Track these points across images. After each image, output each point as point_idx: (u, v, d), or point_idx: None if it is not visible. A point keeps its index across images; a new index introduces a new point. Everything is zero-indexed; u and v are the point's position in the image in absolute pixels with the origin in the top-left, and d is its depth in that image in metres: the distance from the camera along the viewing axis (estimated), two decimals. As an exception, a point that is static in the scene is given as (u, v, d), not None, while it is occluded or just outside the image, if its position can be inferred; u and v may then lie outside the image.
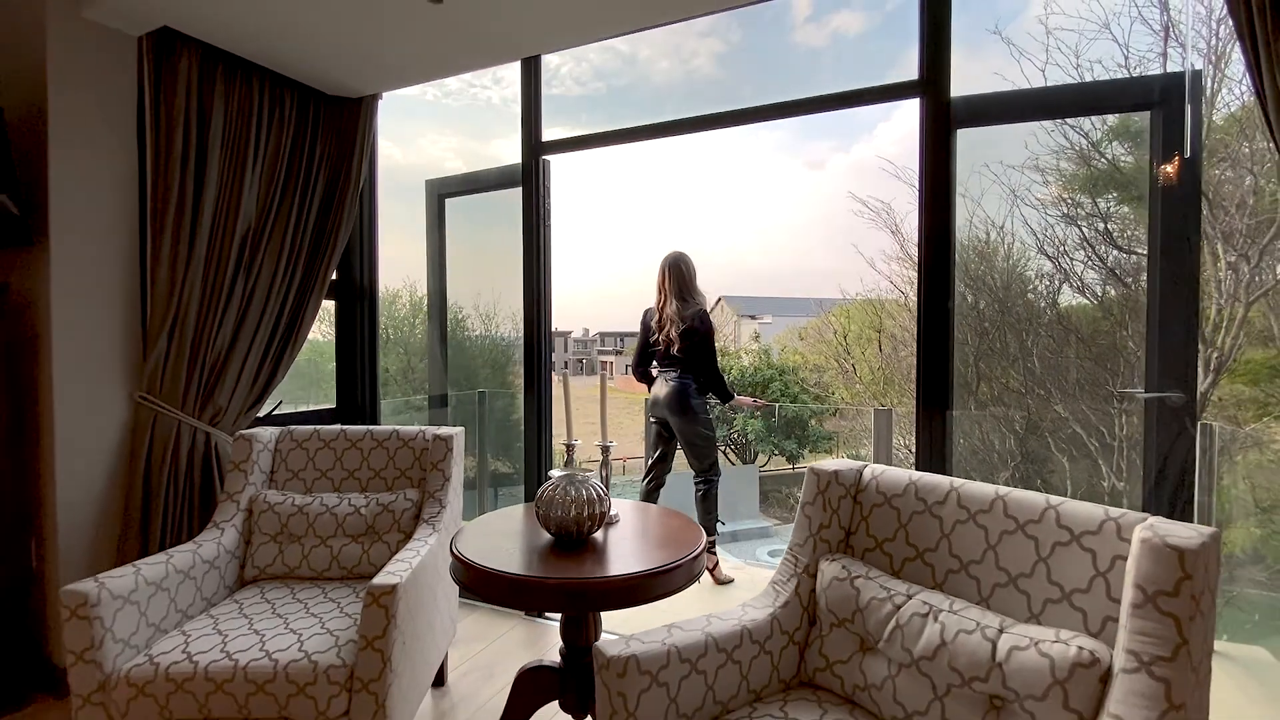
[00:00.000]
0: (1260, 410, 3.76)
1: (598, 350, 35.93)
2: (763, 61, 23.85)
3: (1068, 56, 4.53)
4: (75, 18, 2.01)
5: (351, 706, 1.41)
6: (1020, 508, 1.17)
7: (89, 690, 1.39)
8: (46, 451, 2.02)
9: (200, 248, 2.21)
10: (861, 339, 9.33)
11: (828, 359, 10.60)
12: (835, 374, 10.37)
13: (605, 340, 36.12)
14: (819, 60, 23.65)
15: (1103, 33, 4.29)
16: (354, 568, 1.86)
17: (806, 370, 12.13)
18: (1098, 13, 4.20)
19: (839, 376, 10.10)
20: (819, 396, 11.11)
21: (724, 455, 11.34)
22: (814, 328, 12.07)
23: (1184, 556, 0.91)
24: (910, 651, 1.13)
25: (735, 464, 11.28)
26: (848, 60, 23.35)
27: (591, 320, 25.47)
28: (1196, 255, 1.79)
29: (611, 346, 35.02)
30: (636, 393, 7.40)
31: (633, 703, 1.08)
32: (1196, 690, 0.90)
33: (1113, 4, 4.03)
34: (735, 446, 11.74)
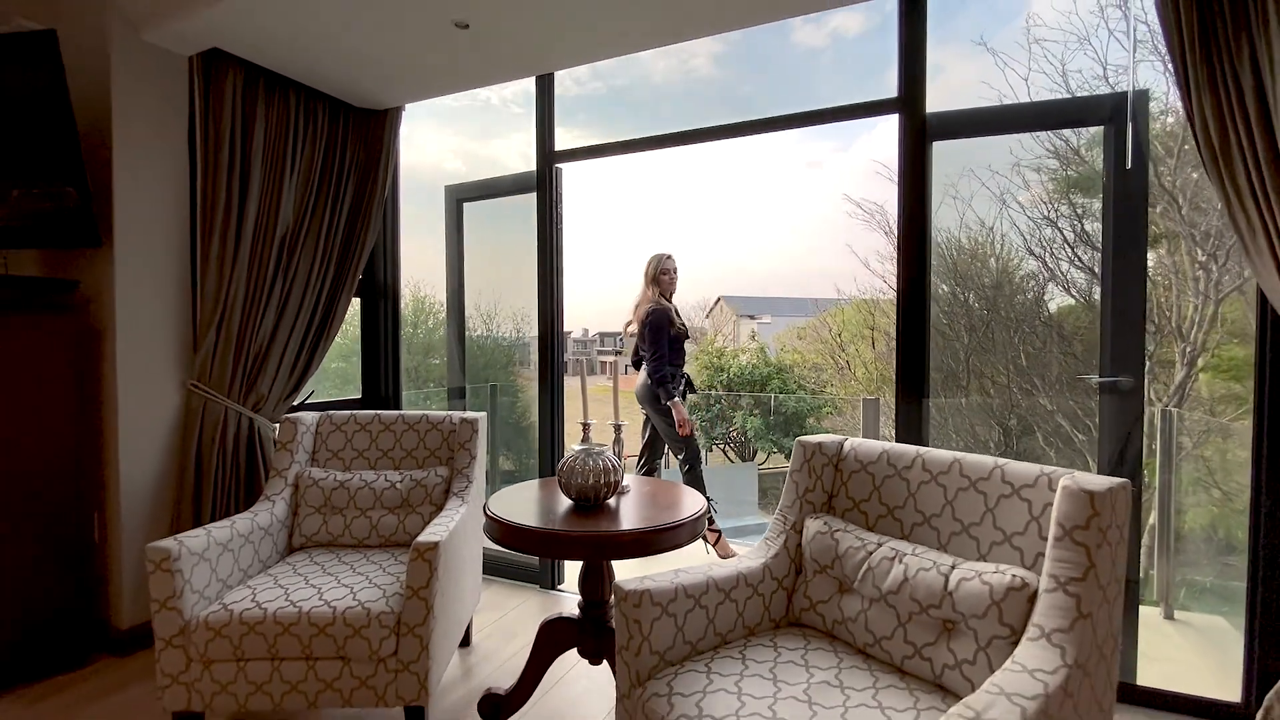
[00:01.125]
0: (1240, 405, 3.96)
1: (597, 350, 36.15)
2: (761, 61, 24.07)
3: (1054, 64, 4.78)
4: (135, 40, 2.23)
5: (399, 647, 1.62)
6: (973, 468, 1.39)
7: (171, 634, 1.60)
8: (109, 434, 2.23)
9: (244, 249, 2.43)
10: (857, 338, 9.55)
11: (825, 357, 10.81)
12: (833, 372, 10.59)
13: (605, 340, 36.35)
14: (818, 60, 23.86)
15: (1083, 45, 4.54)
16: (391, 536, 2.07)
17: (805, 369, 12.34)
18: (1077, 26, 4.45)
19: (835, 375, 10.32)
20: (815, 393, 11.32)
21: (723, 453, 11.53)
22: (811, 327, 12.29)
23: (1094, 498, 1.12)
24: (879, 589, 1.35)
25: (735, 461, 11.48)
26: (847, 60, 23.57)
27: (591, 320, 25.59)
28: (1143, 254, 2.00)
29: (611, 346, 35.24)
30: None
31: (647, 629, 1.30)
32: (1104, 605, 1.11)
33: (1090, 19, 4.28)
34: (734, 444, 11.94)
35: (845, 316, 9.94)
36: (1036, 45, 4.69)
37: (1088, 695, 1.06)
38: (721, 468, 10.27)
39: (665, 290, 3.37)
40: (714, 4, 2.01)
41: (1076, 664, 1.04)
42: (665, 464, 3.92)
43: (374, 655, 1.60)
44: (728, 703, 1.18)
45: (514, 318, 4.25)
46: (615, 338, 35.37)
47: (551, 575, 2.85)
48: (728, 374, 11.67)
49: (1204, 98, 1.60)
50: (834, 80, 23.05)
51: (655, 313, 3.28)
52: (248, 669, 1.60)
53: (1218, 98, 1.58)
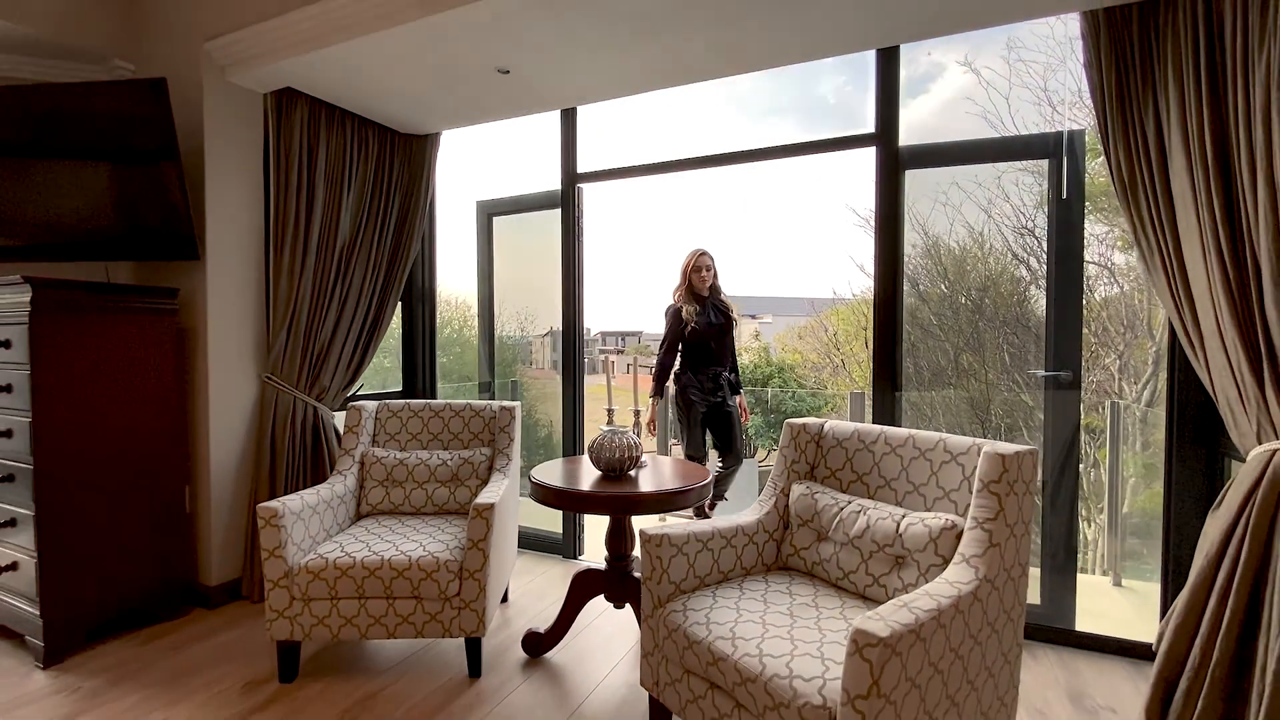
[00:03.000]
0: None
1: (600, 349, 36.52)
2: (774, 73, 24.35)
3: (1034, 91, 5.18)
4: (222, 82, 2.61)
5: (462, 589, 1.99)
6: (923, 442, 1.76)
7: (278, 576, 1.97)
8: (201, 419, 2.61)
9: (310, 260, 2.80)
10: (852, 337, 9.91)
11: (823, 356, 11.18)
12: (830, 371, 10.95)
13: (606, 339, 36.72)
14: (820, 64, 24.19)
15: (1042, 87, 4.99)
16: (444, 505, 2.45)
17: (805, 368, 12.69)
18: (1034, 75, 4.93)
19: (832, 374, 10.69)
20: (814, 392, 11.67)
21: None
22: (810, 329, 12.64)
23: (1005, 459, 1.49)
24: (848, 535, 1.72)
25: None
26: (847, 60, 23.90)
27: (591, 319, 25.92)
28: (1080, 267, 2.37)
29: (613, 345, 35.59)
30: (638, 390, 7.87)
31: (666, 564, 1.67)
32: (1011, 540, 1.48)
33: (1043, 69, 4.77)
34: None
35: (841, 316, 10.31)
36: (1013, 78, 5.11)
37: (996, 604, 1.43)
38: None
39: (698, 287, 3.35)
40: (714, 57, 2.37)
41: (986, 579, 1.41)
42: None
43: (442, 595, 1.98)
44: (728, 614, 1.55)
45: (517, 317, 4.55)
46: (617, 337, 35.71)
47: (573, 546, 3.22)
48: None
49: (1118, 142, 1.96)
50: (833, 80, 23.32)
51: (669, 311, 3.40)
52: (339, 606, 1.98)
53: (1129, 143, 1.94)
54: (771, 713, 1.29)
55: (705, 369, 3.37)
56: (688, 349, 3.37)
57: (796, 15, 2.06)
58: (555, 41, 2.26)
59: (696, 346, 3.35)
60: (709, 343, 3.34)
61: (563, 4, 2.01)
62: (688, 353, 3.38)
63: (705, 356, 3.36)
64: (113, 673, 2.12)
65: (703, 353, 3.36)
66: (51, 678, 2.09)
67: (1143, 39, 1.92)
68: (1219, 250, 1.64)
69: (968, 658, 1.35)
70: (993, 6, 2.03)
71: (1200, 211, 1.70)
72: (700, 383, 3.35)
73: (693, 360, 3.38)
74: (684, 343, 3.35)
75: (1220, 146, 1.69)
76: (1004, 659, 1.47)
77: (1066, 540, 2.44)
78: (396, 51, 2.35)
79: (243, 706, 1.92)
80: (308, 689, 2.01)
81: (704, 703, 1.50)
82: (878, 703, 1.13)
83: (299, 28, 2.33)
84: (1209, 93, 1.72)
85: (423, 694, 1.99)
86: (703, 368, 3.37)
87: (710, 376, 3.36)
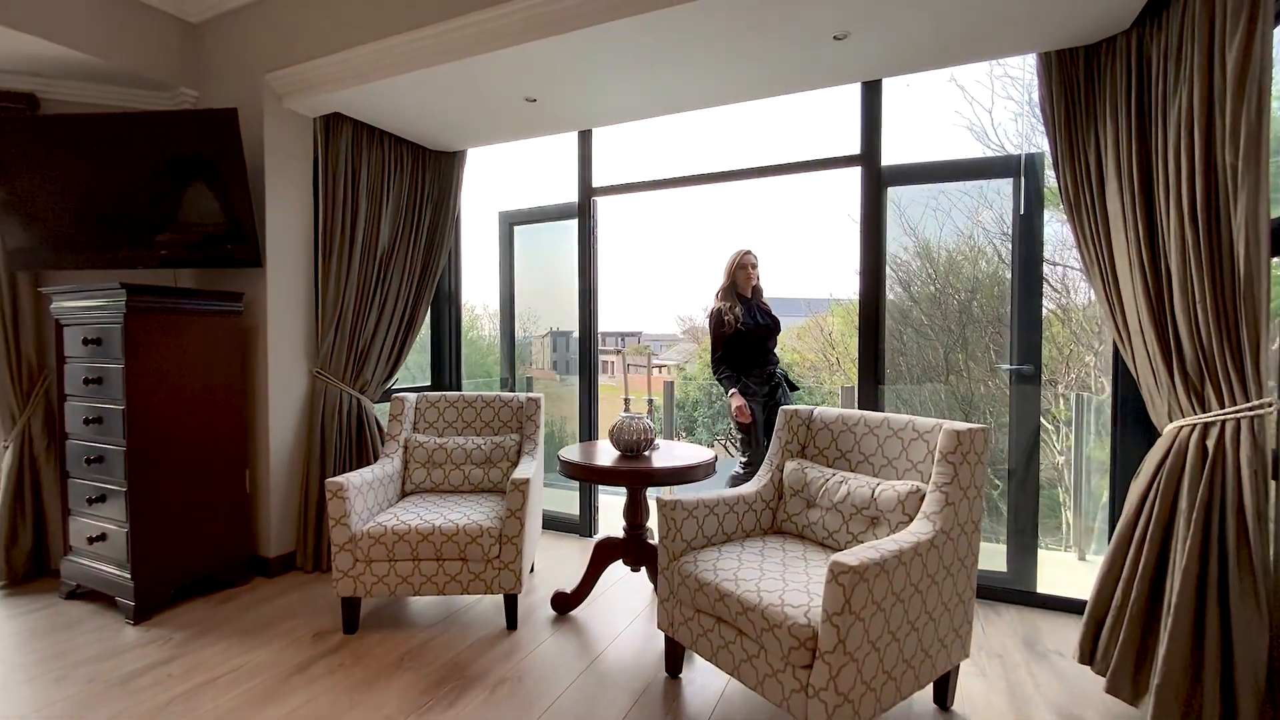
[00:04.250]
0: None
1: (599, 349, 36.89)
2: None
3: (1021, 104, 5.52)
4: (280, 107, 2.93)
5: (502, 552, 2.31)
6: (895, 423, 2.08)
7: (343, 541, 2.29)
8: (260, 409, 2.93)
9: (354, 267, 3.12)
10: (846, 336, 10.24)
11: (819, 355, 11.51)
12: (826, 369, 11.29)
13: (605, 340, 37.10)
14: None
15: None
16: (479, 484, 2.76)
17: (803, 366, 13.02)
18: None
19: (828, 371, 11.02)
20: (810, 389, 12.01)
21: (723, 448, 12.21)
22: (807, 328, 12.98)
23: (959, 434, 1.81)
24: (833, 501, 2.04)
25: (734, 455, 12.15)
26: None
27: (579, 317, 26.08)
28: (1039, 274, 2.69)
29: (612, 345, 35.97)
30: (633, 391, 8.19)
31: (679, 525, 1.99)
32: (964, 500, 1.80)
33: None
34: (734, 439, 12.62)
35: (837, 317, 10.65)
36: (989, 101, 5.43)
37: (951, 552, 1.75)
38: (723, 461, 10.93)
39: (741, 285, 3.25)
40: (717, 88, 2.69)
41: (943, 531, 1.73)
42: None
43: (485, 557, 2.29)
44: (732, 563, 1.87)
45: (520, 319, 4.73)
46: (617, 337, 36.10)
47: (589, 526, 3.55)
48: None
49: (1065, 166, 2.28)
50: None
51: (710, 315, 3.29)
52: (396, 566, 2.30)
53: (1074, 165, 2.26)
54: (767, 634, 1.61)
55: (757, 371, 3.21)
56: (736, 352, 3.19)
57: (793, 55, 2.39)
58: (578, 75, 2.58)
59: (745, 349, 3.19)
60: (758, 343, 3.20)
61: (586, 46, 2.33)
62: (737, 356, 3.20)
63: (755, 358, 3.21)
64: (195, 627, 2.44)
65: (752, 354, 3.20)
66: (142, 632, 2.41)
67: (1087, 78, 2.25)
68: (1141, 263, 1.96)
69: (926, 593, 1.67)
70: (961, 50, 2.35)
71: (1128, 229, 2.02)
72: (755, 388, 3.18)
73: (743, 363, 3.20)
74: (731, 345, 3.18)
75: (1145, 174, 2.01)
76: (958, 598, 1.79)
77: (1030, 516, 2.75)
78: (436, 85, 2.66)
79: (315, 651, 2.24)
80: (368, 639, 2.33)
81: (711, 635, 1.82)
82: (849, 619, 1.45)
83: (352, 64, 2.65)
84: (1137, 128, 2.05)
85: (468, 642, 2.31)
86: (754, 370, 3.20)
87: (764, 378, 3.21)
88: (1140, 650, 1.80)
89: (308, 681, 2.05)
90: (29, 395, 2.92)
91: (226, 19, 3.02)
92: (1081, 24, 2.13)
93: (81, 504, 2.60)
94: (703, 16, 2.10)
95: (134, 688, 2.02)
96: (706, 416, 11.24)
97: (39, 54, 2.71)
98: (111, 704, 1.93)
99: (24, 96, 2.92)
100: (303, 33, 2.79)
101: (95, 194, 2.71)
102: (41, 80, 2.94)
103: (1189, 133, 1.81)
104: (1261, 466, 1.63)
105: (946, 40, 2.29)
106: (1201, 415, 1.76)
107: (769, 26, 2.18)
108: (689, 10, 2.06)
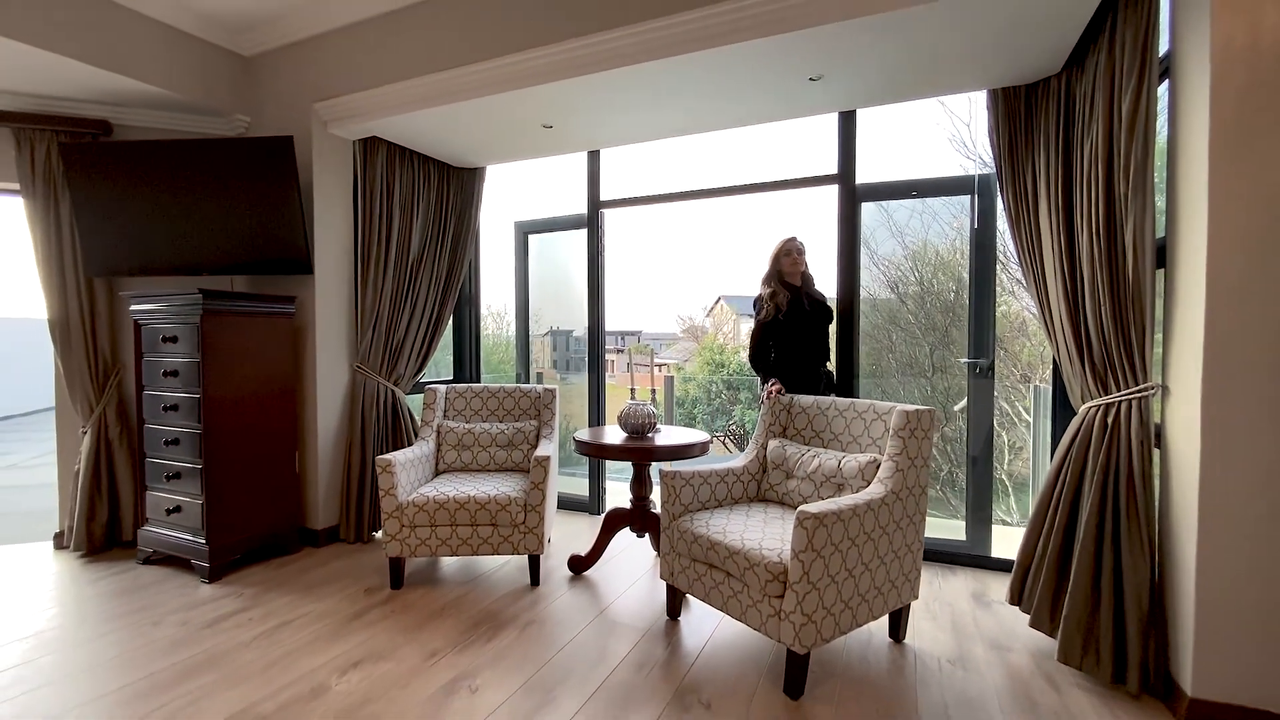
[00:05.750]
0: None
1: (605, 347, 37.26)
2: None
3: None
4: (325, 132, 3.32)
5: (526, 519, 2.70)
6: (860, 406, 2.47)
7: (392, 509, 2.68)
8: (309, 399, 3.32)
9: (389, 273, 3.51)
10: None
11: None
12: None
13: (606, 339, 37.50)
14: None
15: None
16: (503, 463, 3.15)
17: (798, 365, 13.35)
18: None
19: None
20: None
21: (723, 445, 12.60)
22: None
23: (909, 414, 2.20)
24: (806, 472, 2.43)
25: (733, 451, 12.52)
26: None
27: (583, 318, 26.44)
28: (992, 279, 3.08)
29: (611, 345, 36.38)
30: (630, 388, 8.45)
31: (678, 491, 2.38)
32: (912, 468, 2.19)
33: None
34: (733, 437, 13.01)
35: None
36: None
37: (900, 510, 2.14)
38: (722, 457, 11.32)
39: (788, 273, 3.04)
40: (716, 116, 3.08)
41: (892, 492, 2.12)
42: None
43: (513, 522, 2.69)
44: (721, 521, 2.26)
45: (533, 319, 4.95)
46: (617, 336, 36.53)
47: (597, 504, 3.94)
48: (727, 370, 12.71)
49: (1008, 186, 2.67)
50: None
51: (755, 303, 3.13)
52: (437, 531, 2.69)
53: (1015, 187, 2.65)
54: (748, 571, 2.00)
55: (805, 366, 2.99)
56: (781, 344, 2.98)
57: (777, 92, 2.78)
58: (591, 107, 2.97)
59: (791, 340, 2.97)
60: (803, 334, 2.98)
61: (600, 84, 2.71)
62: (781, 348, 2.98)
63: (802, 351, 2.99)
64: (261, 585, 2.83)
65: (799, 347, 2.98)
66: (216, 589, 2.80)
67: (1027, 112, 2.63)
68: (1062, 272, 2.35)
69: (878, 541, 2.06)
70: (921, 87, 2.74)
71: (1053, 243, 2.40)
72: (798, 384, 2.94)
73: (789, 357, 2.98)
74: (775, 335, 2.99)
75: (1067, 197, 2.40)
76: (906, 548, 2.19)
77: (985, 492, 3.14)
78: (464, 114, 3.05)
79: (368, 603, 2.63)
80: (412, 593, 2.72)
81: (705, 579, 2.21)
82: (811, 555, 1.84)
83: (392, 97, 3.04)
84: (1063, 158, 2.43)
85: (496, 596, 2.70)
86: (801, 364, 2.98)
87: (809, 375, 3.00)
88: (1056, 591, 2.19)
89: (366, 625, 2.44)
90: (104, 387, 3.31)
91: (277, 54, 3.40)
92: (1021, 67, 2.52)
93: (159, 480, 2.99)
94: (702, 63, 2.49)
95: (222, 628, 2.41)
96: (705, 414, 11.64)
97: (115, 87, 3.10)
98: (207, 640, 2.32)
99: (99, 123, 3.31)
100: (348, 69, 3.17)
101: (165, 209, 3.10)
102: (113, 108, 3.33)
103: (1095, 164, 2.20)
104: (1146, 437, 2.02)
105: (908, 79, 2.68)
106: (1105, 397, 2.15)
107: (756, 71, 2.57)
108: (693, 58, 2.44)
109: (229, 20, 3.27)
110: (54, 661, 2.19)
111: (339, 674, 2.08)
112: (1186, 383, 1.87)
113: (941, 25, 2.21)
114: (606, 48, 2.53)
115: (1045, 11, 2.11)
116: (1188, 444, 1.86)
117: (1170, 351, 2.00)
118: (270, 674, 2.08)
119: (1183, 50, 1.94)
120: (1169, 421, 1.99)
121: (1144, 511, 2.00)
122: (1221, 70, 1.75)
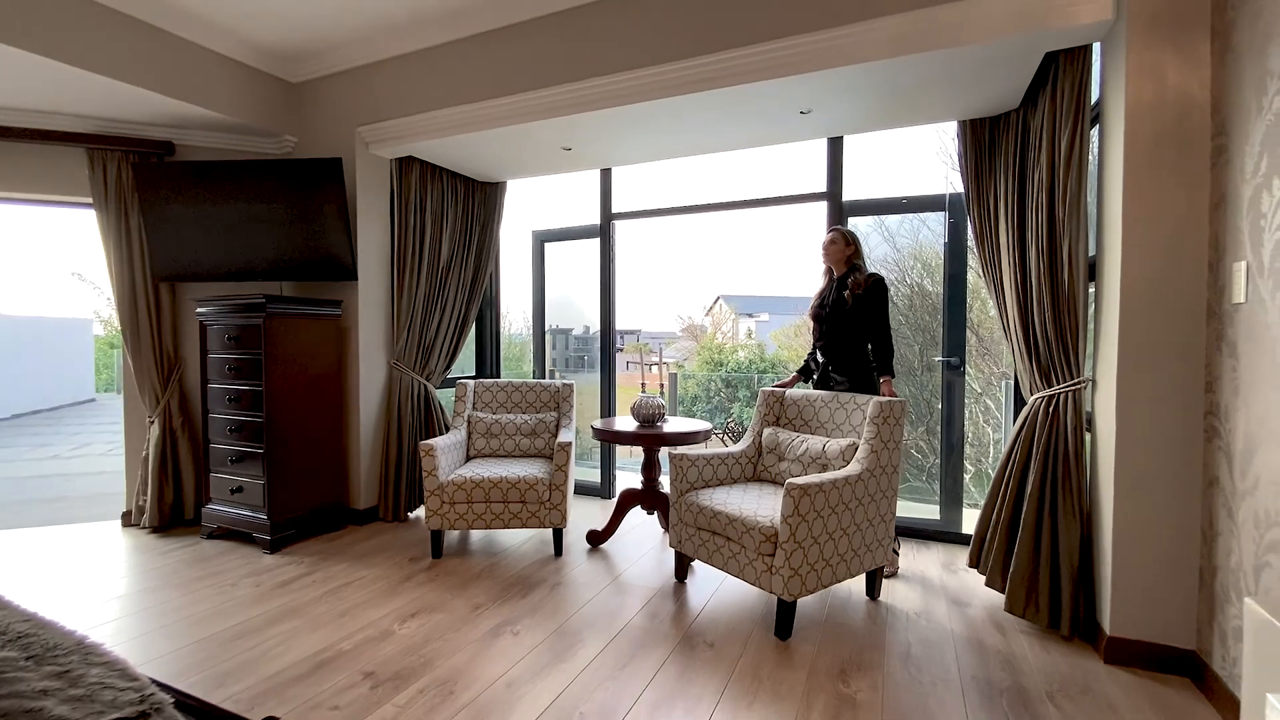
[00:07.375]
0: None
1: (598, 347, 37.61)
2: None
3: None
4: (367, 151, 3.69)
5: (551, 496, 3.09)
6: (843, 398, 2.85)
7: (433, 488, 3.06)
8: (352, 391, 3.70)
9: (422, 279, 3.89)
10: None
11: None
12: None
13: (615, 338, 37.83)
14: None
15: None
16: (527, 450, 3.54)
17: (798, 362, 13.79)
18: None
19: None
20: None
21: (722, 441, 12.99)
22: (802, 327, 13.76)
23: (882, 405, 2.59)
24: (796, 455, 2.82)
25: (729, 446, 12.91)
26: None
27: (591, 319, 26.81)
28: (964, 285, 3.46)
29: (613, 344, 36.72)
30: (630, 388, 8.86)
31: (685, 471, 2.76)
32: (884, 450, 2.57)
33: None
34: (732, 434, 13.41)
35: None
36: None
37: (874, 485, 2.52)
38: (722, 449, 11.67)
39: (834, 264, 3.12)
40: (719, 140, 3.46)
41: (868, 470, 2.50)
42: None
43: (539, 500, 3.07)
44: (723, 495, 2.65)
45: (524, 318, 5.25)
46: (618, 335, 36.88)
47: (608, 489, 4.33)
48: (726, 368, 13.10)
49: (974, 206, 3.04)
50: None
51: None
52: (473, 507, 3.07)
53: (980, 207, 3.03)
54: (745, 534, 2.38)
55: (820, 355, 3.13)
56: (820, 332, 3.11)
57: (770, 122, 3.16)
58: (606, 132, 3.35)
59: (824, 329, 3.07)
60: (833, 324, 3.01)
61: (615, 115, 3.09)
62: (822, 339, 3.09)
63: (830, 339, 3.04)
64: (317, 555, 3.21)
65: (827, 335, 3.05)
66: (278, 558, 3.18)
67: (991, 140, 3.01)
68: (1015, 284, 2.73)
69: (855, 511, 2.44)
70: (899, 117, 3.12)
71: (1009, 258, 2.79)
72: (833, 368, 3.05)
73: (822, 344, 3.11)
74: (820, 325, 3.10)
75: (1020, 219, 2.78)
76: (880, 518, 2.57)
77: (957, 475, 3.53)
78: (492, 138, 3.43)
79: (414, 569, 3.02)
80: (451, 562, 3.11)
81: (709, 545, 2.60)
82: (797, 519, 2.23)
83: (427, 124, 3.42)
84: (1019, 183, 2.81)
85: (526, 564, 3.08)
86: (830, 351, 3.05)
87: (814, 365, 3.18)
88: (1006, 553, 2.58)
89: (415, 586, 2.82)
90: (168, 381, 3.69)
91: (321, 82, 3.78)
92: (985, 102, 2.89)
93: (223, 464, 3.37)
94: (708, 98, 2.87)
95: (292, 588, 2.79)
96: (705, 411, 12.03)
97: (180, 113, 3.48)
98: (280, 597, 2.70)
99: (164, 144, 3.69)
100: (389, 97, 3.55)
101: (224, 220, 3.48)
102: (175, 130, 3.71)
103: (1041, 191, 2.58)
104: (1079, 423, 2.41)
105: (887, 112, 3.06)
106: (1048, 390, 2.53)
107: (752, 105, 2.95)
108: (700, 96, 2.82)
109: (280, 51, 3.65)
110: (151, 614, 2.57)
111: (400, 621, 2.46)
112: (1108, 376, 2.26)
113: (912, 70, 2.59)
114: (625, 85, 2.91)
115: (1002, 56, 2.48)
116: (1107, 426, 2.24)
117: (1098, 351, 2.39)
118: (343, 621, 2.47)
119: (1109, 101, 2.32)
120: (1096, 409, 2.38)
121: (1077, 484, 2.39)
122: (1134, 119, 2.13)
